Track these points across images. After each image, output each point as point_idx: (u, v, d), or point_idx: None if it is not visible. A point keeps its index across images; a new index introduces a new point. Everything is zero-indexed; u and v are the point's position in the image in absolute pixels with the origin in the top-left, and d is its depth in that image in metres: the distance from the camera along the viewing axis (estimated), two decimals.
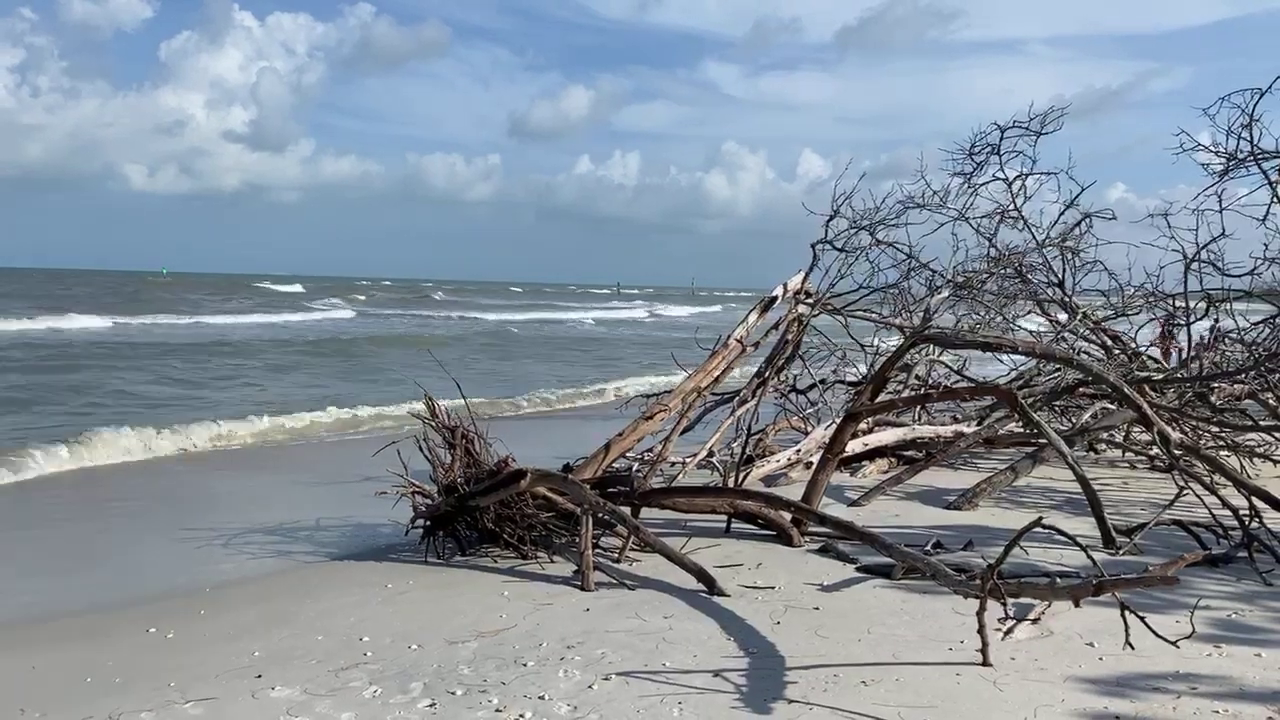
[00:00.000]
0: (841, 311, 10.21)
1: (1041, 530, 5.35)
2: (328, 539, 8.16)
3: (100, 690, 4.78)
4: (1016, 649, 4.99)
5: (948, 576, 5.07)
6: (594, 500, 6.83)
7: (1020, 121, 12.64)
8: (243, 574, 7.16)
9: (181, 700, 4.57)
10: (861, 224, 10.96)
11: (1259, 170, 9.90)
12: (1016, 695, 4.42)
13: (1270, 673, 4.71)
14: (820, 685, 4.56)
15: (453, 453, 7.53)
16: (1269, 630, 5.38)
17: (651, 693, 4.50)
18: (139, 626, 5.80)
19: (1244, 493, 7.12)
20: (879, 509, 8.76)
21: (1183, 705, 4.30)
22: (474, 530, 7.37)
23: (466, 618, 5.74)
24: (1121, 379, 8.05)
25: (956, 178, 13.00)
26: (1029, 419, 7.39)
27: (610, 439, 8.37)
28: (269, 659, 5.13)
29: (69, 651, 5.45)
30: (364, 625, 5.65)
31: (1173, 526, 7.44)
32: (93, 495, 10.24)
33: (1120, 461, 11.38)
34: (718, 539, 7.59)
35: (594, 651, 5.08)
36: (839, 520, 6.71)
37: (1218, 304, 11.05)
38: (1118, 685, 4.52)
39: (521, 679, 4.71)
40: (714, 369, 9.13)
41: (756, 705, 4.34)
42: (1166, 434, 7.08)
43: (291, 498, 9.81)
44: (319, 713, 4.39)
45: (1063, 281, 13.07)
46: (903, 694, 4.45)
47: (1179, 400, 9.34)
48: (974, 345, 8.97)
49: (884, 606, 5.83)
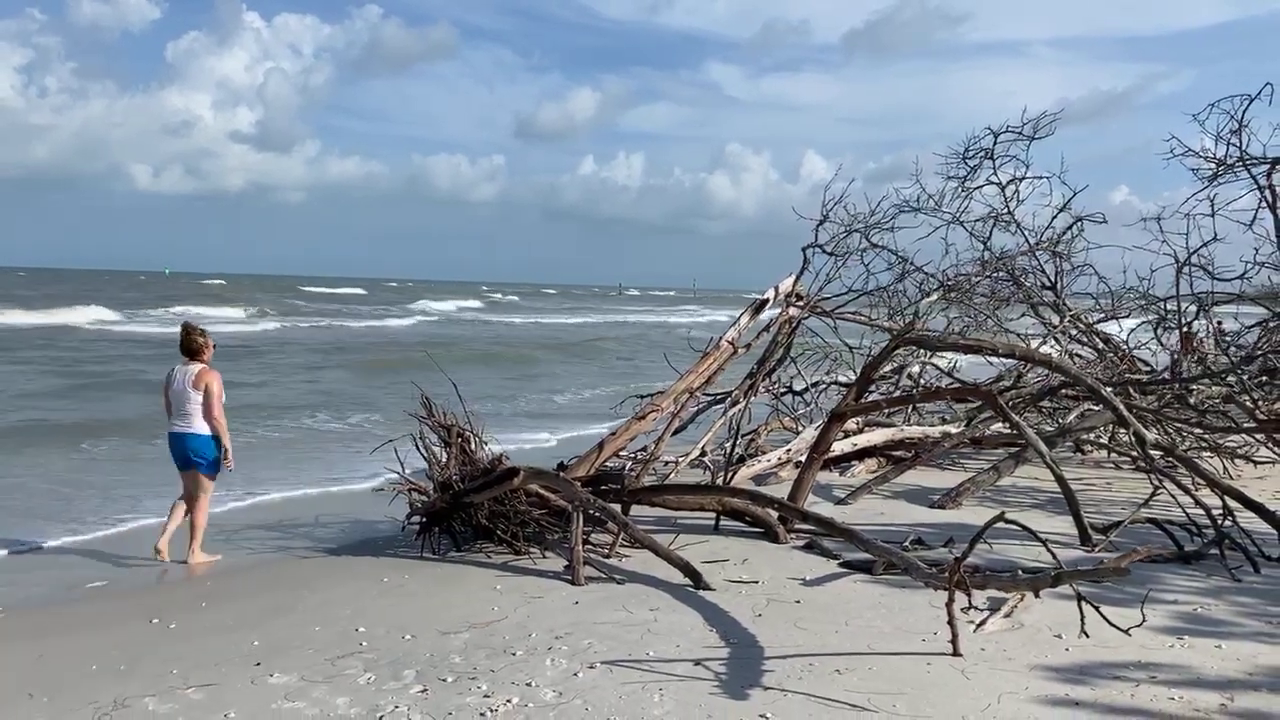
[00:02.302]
0: (831, 314, 10.39)
1: (1020, 528, 5.55)
2: (326, 534, 8.38)
3: (105, 677, 4.97)
4: (987, 641, 5.18)
5: (919, 569, 5.26)
6: (585, 497, 7.02)
7: (1013, 127, 12.87)
8: (243, 567, 7.38)
9: (183, 686, 4.77)
10: (855, 228, 11.15)
11: (1248, 175, 10.12)
12: (983, 682, 4.61)
13: (1228, 663, 4.90)
14: (796, 673, 4.76)
15: (448, 451, 7.74)
16: (1231, 623, 5.57)
17: (634, 680, 4.70)
18: (142, 617, 6.01)
19: (1218, 492, 7.31)
20: (866, 507, 8.95)
21: (1140, 692, 4.49)
22: (469, 526, 7.57)
23: (460, 610, 5.93)
24: (1100, 381, 8.25)
25: (951, 181, 13.24)
26: (1009, 419, 7.58)
27: (603, 438, 8.58)
28: (268, 648, 5.33)
29: (75, 640, 5.65)
30: (360, 617, 5.85)
31: (1150, 525, 7.63)
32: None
33: (1105, 462, 11.56)
34: (706, 536, 7.79)
35: (581, 642, 5.28)
36: (820, 517, 6.91)
37: (1208, 307, 11.25)
38: (1080, 674, 4.71)
39: (510, 667, 4.91)
40: (705, 370, 9.33)
41: (734, 692, 4.54)
42: (1142, 434, 7.28)
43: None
44: (315, 698, 4.59)
45: (1055, 284, 13.28)
46: (874, 681, 4.64)
47: (1158, 402, 9.53)
48: (956, 348, 9.17)
49: (863, 600, 6.02)
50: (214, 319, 40.82)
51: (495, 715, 4.32)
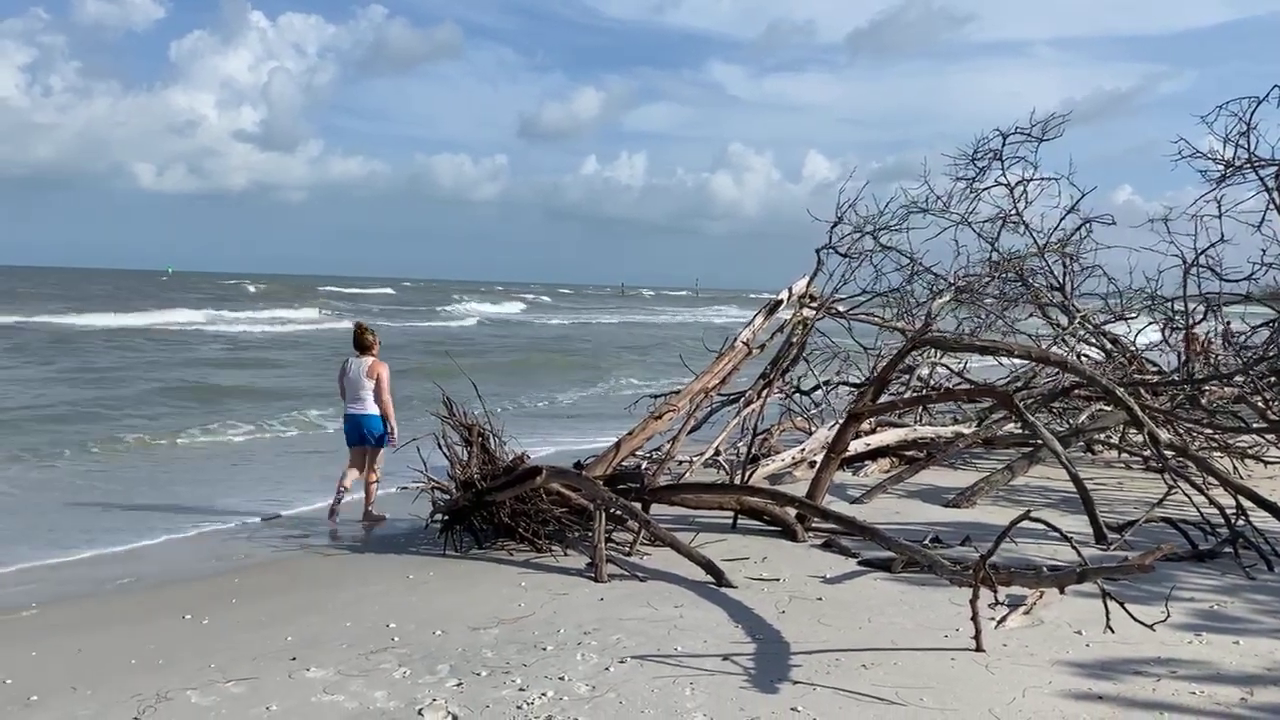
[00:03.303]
0: (845, 315, 10.49)
1: (1035, 527, 5.66)
2: (347, 532, 8.48)
3: (144, 671, 5.07)
4: (1009, 637, 5.28)
5: (944, 567, 5.36)
6: (608, 496, 7.12)
7: (1022, 128, 12.96)
8: (269, 565, 7.48)
9: (223, 680, 4.87)
10: (865, 229, 11.25)
11: (1256, 177, 10.20)
12: (1007, 677, 4.71)
13: (1247, 659, 4.99)
14: (823, 668, 4.85)
15: (469, 450, 7.84)
16: (1248, 620, 5.67)
17: (665, 674, 4.79)
18: (174, 613, 6.11)
19: (1231, 491, 7.40)
20: (880, 506, 9.05)
21: (1162, 687, 4.59)
22: (490, 524, 7.66)
23: (487, 606, 6.03)
24: (1115, 382, 8.33)
25: (959, 183, 13.32)
26: (1024, 420, 7.67)
27: (620, 437, 8.67)
28: (302, 643, 5.43)
29: (111, 635, 5.76)
30: (390, 613, 5.95)
31: (1163, 524, 7.72)
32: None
33: (1116, 462, 11.65)
34: (724, 534, 7.88)
35: (609, 637, 5.38)
36: (843, 516, 7.00)
37: (1216, 308, 11.34)
38: (1102, 669, 4.81)
39: (542, 661, 5.01)
40: (720, 370, 9.43)
41: (764, 685, 4.64)
42: (1156, 435, 7.37)
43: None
44: (353, 691, 4.69)
45: (1063, 285, 13.37)
46: (900, 676, 4.74)
47: (1171, 403, 9.62)
48: (972, 349, 9.25)
49: (884, 597, 6.12)
50: (297, 320, 43.88)
51: (531, 708, 4.42)
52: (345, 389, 9.11)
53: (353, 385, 9.02)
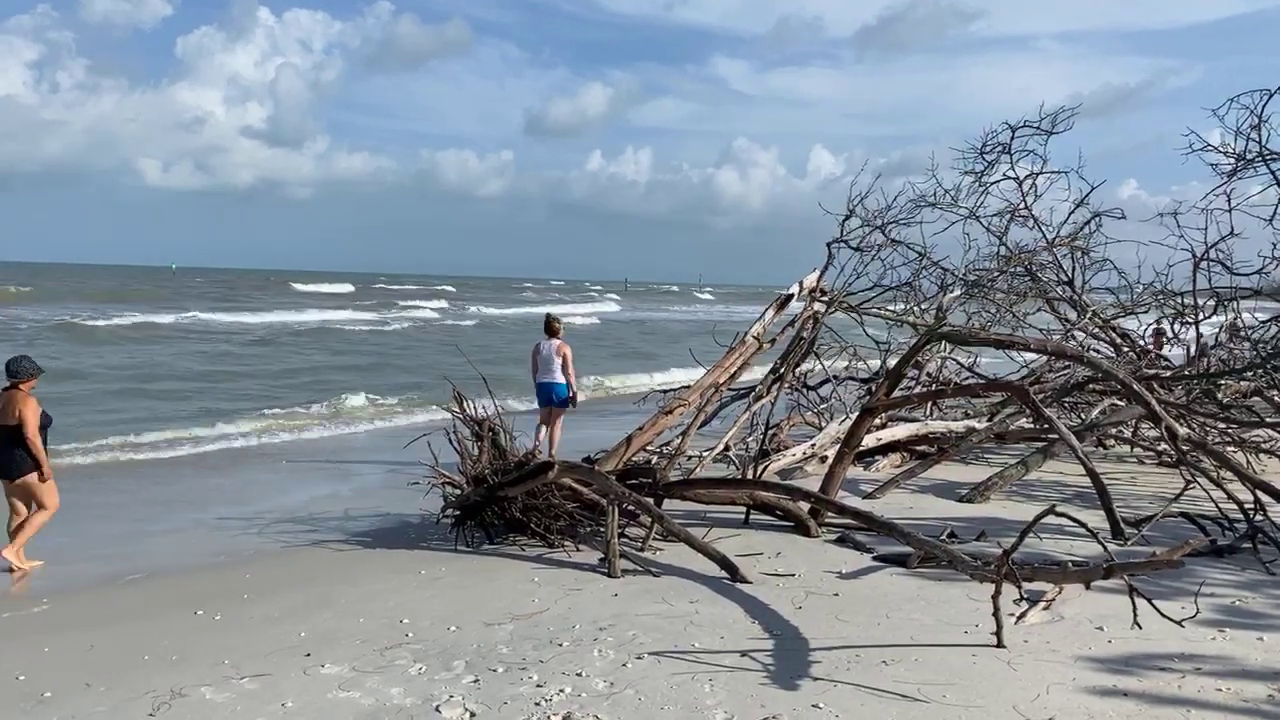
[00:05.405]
0: (856, 309, 10.40)
1: (1052, 522, 5.60)
2: (357, 527, 8.43)
3: (158, 666, 5.03)
4: (1029, 633, 5.23)
5: (965, 563, 5.30)
6: (621, 491, 7.07)
7: (1031, 121, 12.86)
8: (279, 559, 7.43)
9: (237, 676, 4.83)
10: (875, 223, 11.17)
11: (1268, 170, 10.11)
12: (1030, 674, 4.65)
13: (1272, 654, 4.94)
14: (843, 665, 4.80)
15: (480, 445, 7.79)
16: (1271, 616, 5.61)
17: (683, 671, 4.75)
18: (186, 609, 6.06)
19: (1249, 486, 7.33)
20: (893, 501, 8.99)
21: (1187, 683, 4.53)
22: (501, 520, 7.61)
23: (500, 602, 5.99)
24: (1131, 376, 8.26)
25: (968, 177, 13.24)
26: (1041, 414, 7.61)
27: (631, 432, 8.62)
28: (316, 639, 5.38)
29: (124, 631, 5.71)
30: (403, 608, 5.91)
31: (1180, 519, 7.66)
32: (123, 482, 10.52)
33: (1129, 457, 11.58)
34: (737, 529, 7.83)
35: (625, 633, 5.33)
36: (859, 510, 6.94)
37: (1226, 302, 11.25)
38: (1126, 665, 4.76)
39: (558, 658, 4.96)
40: (731, 365, 9.36)
41: (784, 682, 4.58)
42: (1174, 429, 7.30)
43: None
44: (369, 688, 4.65)
45: (1072, 280, 13.27)
46: (922, 672, 4.68)
47: (1186, 397, 9.54)
48: (987, 343, 9.18)
49: (901, 593, 6.07)
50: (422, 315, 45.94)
51: (550, 704, 4.37)
52: (538, 364, 11.46)
53: (545, 361, 11.41)
